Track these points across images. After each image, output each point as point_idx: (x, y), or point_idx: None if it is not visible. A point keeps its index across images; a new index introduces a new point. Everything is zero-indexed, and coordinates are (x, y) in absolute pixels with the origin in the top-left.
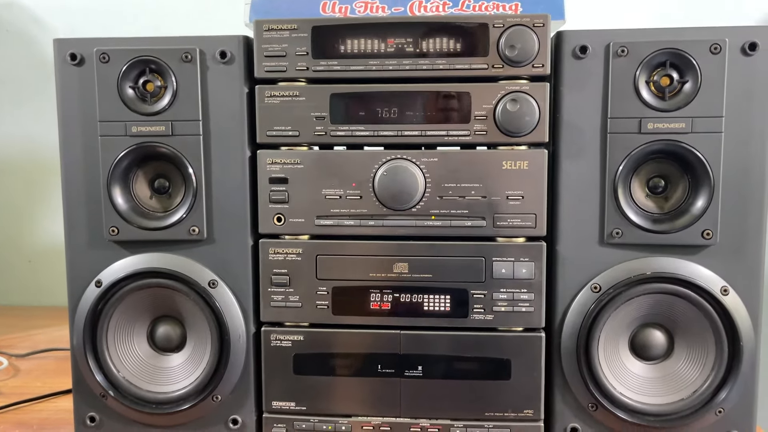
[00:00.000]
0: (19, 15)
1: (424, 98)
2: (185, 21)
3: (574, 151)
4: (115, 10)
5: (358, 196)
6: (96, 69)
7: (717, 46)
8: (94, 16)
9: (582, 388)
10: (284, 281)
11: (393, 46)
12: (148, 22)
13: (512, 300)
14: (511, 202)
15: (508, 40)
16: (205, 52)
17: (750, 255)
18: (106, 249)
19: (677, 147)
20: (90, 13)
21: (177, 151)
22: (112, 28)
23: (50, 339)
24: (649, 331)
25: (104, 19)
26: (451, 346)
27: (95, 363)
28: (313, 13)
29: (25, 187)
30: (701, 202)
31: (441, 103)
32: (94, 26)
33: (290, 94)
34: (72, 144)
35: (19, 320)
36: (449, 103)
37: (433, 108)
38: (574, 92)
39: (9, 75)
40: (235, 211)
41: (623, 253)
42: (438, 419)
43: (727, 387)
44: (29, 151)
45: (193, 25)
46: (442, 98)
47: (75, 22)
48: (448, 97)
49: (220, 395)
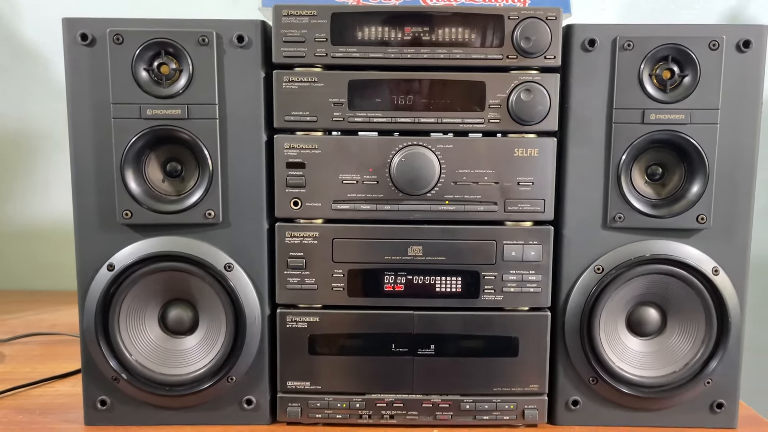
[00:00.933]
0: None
1: (440, 86)
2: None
3: (580, 140)
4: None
5: (375, 181)
6: (109, 50)
7: (716, 43)
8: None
9: (584, 363)
10: (300, 264)
11: (410, 35)
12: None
13: (521, 281)
14: (522, 188)
15: (524, 32)
16: (222, 35)
17: (738, 238)
18: (117, 233)
19: (677, 137)
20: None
21: (193, 134)
22: (83, 5)
23: (26, 323)
24: (645, 309)
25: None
26: (462, 325)
27: (107, 347)
28: None
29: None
30: (696, 188)
31: (457, 92)
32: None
33: (308, 79)
34: (81, 126)
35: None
36: (465, 92)
37: (449, 96)
38: (582, 83)
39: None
40: (250, 195)
41: (624, 236)
42: (448, 395)
43: (716, 359)
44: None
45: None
46: (458, 87)
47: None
48: (464, 85)
49: (235, 376)
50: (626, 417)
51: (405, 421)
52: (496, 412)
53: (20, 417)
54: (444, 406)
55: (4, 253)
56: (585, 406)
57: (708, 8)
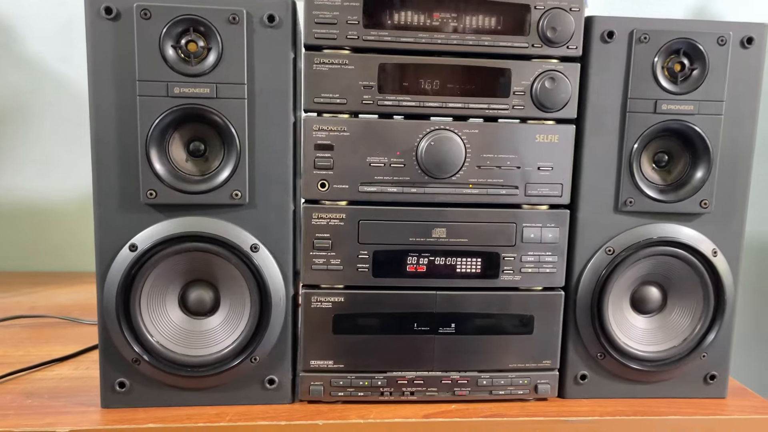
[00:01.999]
0: None
1: (468, 72)
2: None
3: (596, 127)
4: None
5: (402, 164)
6: (136, 25)
7: (723, 39)
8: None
9: (593, 340)
10: (326, 245)
11: (438, 20)
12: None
13: (538, 262)
14: (542, 173)
15: (550, 22)
16: (252, 14)
17: (735, 222)
18: (138, 212)
19: (685, 127)
20: None
21: (221, 114)
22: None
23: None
24: (648, 288)
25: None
26: (481, 304)
27: (128, 328)
28: None
29: None
30: (700, 174)
31: (484, 78)
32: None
33: (339, 62)
34: (104, 102)
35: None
36: (492, 78)
37: (476, 82)
38: (600, 73)
39: None
40: (277, 175)
41: (634, 219)
42: (467, 372)
43: (711, 335)
44: None
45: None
46: (485, 73)
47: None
48: (491, 72)
49: (259, 356)
50: (628, 389)
51: (425, 397)
52: (511, 387)
53: (29, 401)
54: (462, 382)
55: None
56: (592, 380)
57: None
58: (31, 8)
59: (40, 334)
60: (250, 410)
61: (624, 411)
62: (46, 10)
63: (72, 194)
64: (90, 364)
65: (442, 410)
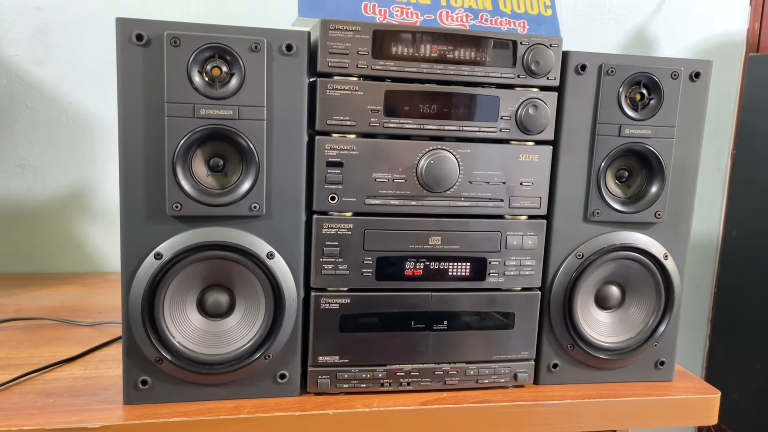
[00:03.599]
0: None
1: (463, 99)
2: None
3: (569, 147)
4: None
5: (404, 179)
6: (166, 52)
7: (676, 73)
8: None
9: (564, 333)
10: (335, 252)
11: (437, 52)
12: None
13: (519, 266)
14: (524, 187)
15: (534, 56)
16: (272, 43)
17: (683, 229)
18: (163, 223)
19: (644, 148)
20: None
21: (242, 134)
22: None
23: None
24: (609, 287)
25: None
26: (470, 303)
27: (153, 331)
28: (356, 11)
29: None
30: (654, 189)
31: (476, 104)
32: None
33: (350, 88)
34: (132, 121)
35: None
36: (483, 105)
37: (469, 107)
38: (573, 101)
39: None
40: (291, 189)
41: (600, 228)
42: (457, 363)
43: (662, 326)
44: None
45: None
46: (477, 100)
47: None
48: (483, 99)
49: (272, 354)
50: (592, 375)
51: (420, 387)
52: (494, 375)
53: (51, 400)
54: (453, 372)
55: None
56: (562, 368)
57: (620, 25)
58: (4, 12)
59: (38, 337)
60: (264, 402)
61: (590, 394)
62: (21, 14)
63: (49, 196)
64: (97, 363)
65: (436, 398)
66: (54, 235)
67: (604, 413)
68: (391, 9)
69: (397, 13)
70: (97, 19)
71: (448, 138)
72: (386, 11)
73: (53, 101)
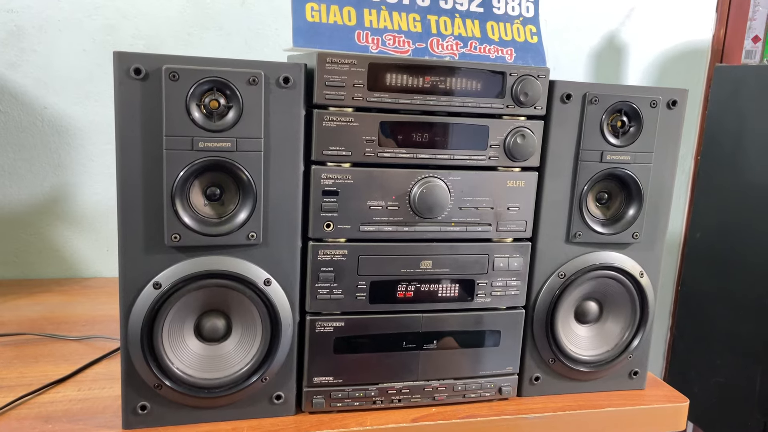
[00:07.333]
0: None
1: (454, 129)
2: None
3: (554, 173)
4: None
5: (397, 206)
6: (164, 86)
7: (655, 102)
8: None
9: (546, 347)
10: (330, 277)
11: (429, 83)
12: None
13: (505, 286)
14: (511, 212)
15: (522, 87)
16: (269, 76)
17: (657, 249)
18: (162, 253)
19: (624, 173)
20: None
21: (241, 165)
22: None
23: None
24: (588, 303)
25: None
26: (459, 323)
27: (152, 358)
28: (349, 40)
29: None
30: (632, 212)
31: (466, 134)
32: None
33: (346, 119)
34: (131, 154)
35: None
36: (473, 134)
37: (460, 137)
38: (558, 128)
39: None
40: (288, 218)
41: (581, 248)
42: (445, 380)
43: (637, 339)
44: None
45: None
46: (467, 130)
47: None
48: (473, 129)
49: (268, 376)
50: (571, 386)
51: (410, 403)
52: (480, 390)
53: (49, 426)
54: (441, 389)
55: None
56: (544, 381)
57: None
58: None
59: (26, 354)
60: (261, 423)
61: (570, 406)
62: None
63: (24, 202)
64: (90, 383)
65: (426, 414)
66: (31, 242)
67: (583, 423)
68: (384, 37)
69: (389, 41)
70: (71, 23)
71: (440, 166)
72: (379, 40)
73: (27, 105)
